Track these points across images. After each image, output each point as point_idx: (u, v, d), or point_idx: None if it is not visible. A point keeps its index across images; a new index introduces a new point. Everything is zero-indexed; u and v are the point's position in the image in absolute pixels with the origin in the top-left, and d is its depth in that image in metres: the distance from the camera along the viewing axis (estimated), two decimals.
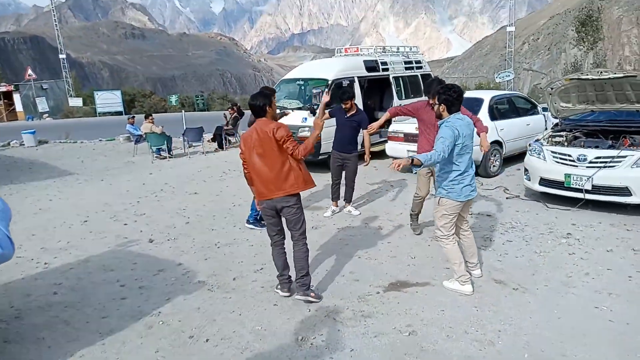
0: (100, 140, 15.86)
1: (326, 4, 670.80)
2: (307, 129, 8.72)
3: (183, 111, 15.38)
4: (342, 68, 9.42)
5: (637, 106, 5.95)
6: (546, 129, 9.20)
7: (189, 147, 13.60)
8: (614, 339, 3.23)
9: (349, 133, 6.23)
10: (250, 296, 4.15)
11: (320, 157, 8.91)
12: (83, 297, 4.21)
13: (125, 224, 6.42)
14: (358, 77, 9.50)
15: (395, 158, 8.92)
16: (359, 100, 9.44)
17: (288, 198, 3.82)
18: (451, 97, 3.78)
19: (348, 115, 6.18)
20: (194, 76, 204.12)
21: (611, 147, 5.88)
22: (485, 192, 7.29)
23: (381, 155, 9.96)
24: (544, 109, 9.55)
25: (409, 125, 8.17)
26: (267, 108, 3.82)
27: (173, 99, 21.26)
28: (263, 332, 3.53)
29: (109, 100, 30.44)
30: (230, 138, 14.22)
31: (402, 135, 8.37)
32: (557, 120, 7.12)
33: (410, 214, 5.64)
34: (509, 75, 24.22)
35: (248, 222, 6.08)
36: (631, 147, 5.65)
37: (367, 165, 6.35)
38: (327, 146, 8.88)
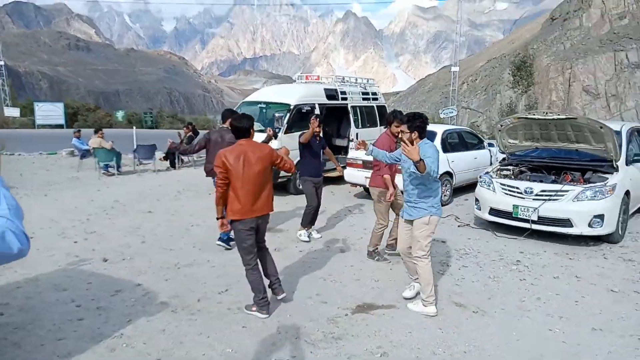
0: (40, 153, 14.98)
1: (279, 31, 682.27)
2: None
3: (134, 127, 14.89)
4: (304, 94, 9.62)
5: (576, 145, 6.55)
6: (491, 163, 9.86)
7: (139, 164, 13.17)
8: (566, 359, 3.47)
9: (320, 157, 6.40)
10: (217, 318, 4.06)
11: (279, 181, 8.96)
12: (34, 318, 3.92)
13: (75, 242, 6.08)
14: (319, 104, 9.72)
15: (352, 184, 9.19)
16: None
17: (269, 216, 4.13)
18: (423, 125, 4.02)
19: (317, 140, 6.34)
20: (140, 93, 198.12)
21: (554, 182, 6.40)
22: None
23: (337, 181, 10.16)
24: (489, 144, 10.24)
25: None
26: (252, 130, 3.97)
27: (119, 114, 20.55)
28: (234, 355, 3.46)
29: (49, 112, 28.83)
30: (183, 157, 13.94)
31: (360, 162, 8.62)
32: (503, 155, 7.65)
33: (373, 251, 5.59)
34: (452, 112, 25.68)
35: (221, 239, 5.99)
36: (572, 183, 6.18)
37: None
38: None
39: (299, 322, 4.01)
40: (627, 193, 6.19)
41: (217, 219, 4.10)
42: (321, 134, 6.43)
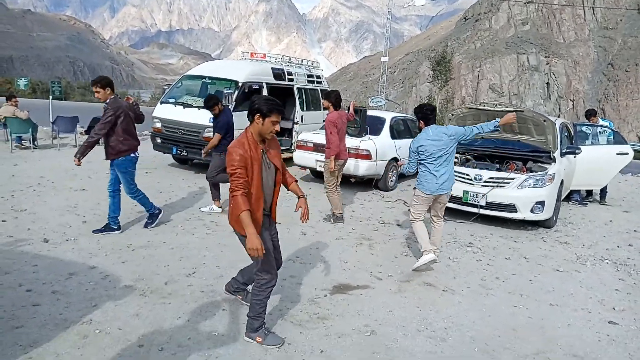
0: None
1: (198, 5, 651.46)
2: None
3: (50, 97, 13.34)
4: (252, 72, 9.27)
5: (519, 137, 7.08)
6: None
7: (54, 138, 11.92)
8: (537, 332, 3.76)
9: None
10: (193, 301, 3.81)
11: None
12: None
13: (4, 221, 5.35)
14: (266, 83, 9.44)
15: (302, 167, 9.09)
16: None
17: None
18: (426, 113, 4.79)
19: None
20: (38, 60, 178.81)
21: (498, 170, 6.86)
22: (388, 205, 7.84)
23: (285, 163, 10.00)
24: None
25: (318, 136, 8.39)
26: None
27: (22, 82, 18.17)
28: (222, 338, 3.28)
29: None
30: None
31: (311, 144, 8.55)
32: None
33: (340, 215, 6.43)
34: (380, 101, 26.48)
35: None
36: (516, 171, 6.67)
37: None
38: None
39: (280, 304, 3.91)
40: (561, 182, 6.83)
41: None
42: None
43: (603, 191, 8.86)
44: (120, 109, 5.08)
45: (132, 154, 5.27)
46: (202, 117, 8.42)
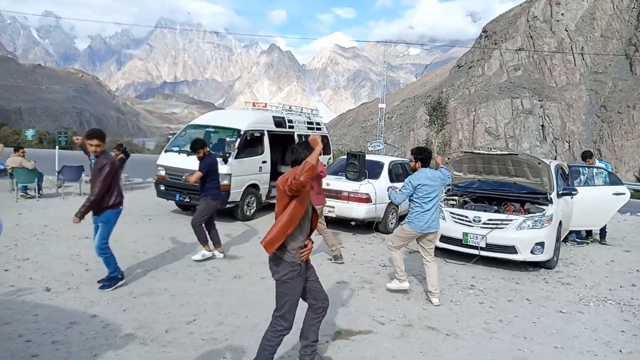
0: None
1: (202, 58, 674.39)
2: None
3: (57, 147, 13.64)
4: (254, 120, 9.56)
5: (515, 179, 7.20)
6: None
7: (59, 187, 12.07)
8: None
9: None
10: (193, 349, 3.79)
11: (227, 206, 8.72)
12: None
13: (7, 270, 5.38)
14: (268, 130, 9.71)
15: None
16: (267, 154, 9.62)
17: None
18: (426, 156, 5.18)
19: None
20: (45, 112, 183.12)
21: (496, 211, 6.93)
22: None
23: None
24: None
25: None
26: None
27: (29, 133, 18.66)
28: None
29: None
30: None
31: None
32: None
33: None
34: (379, 145, 26.91)
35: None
36: (514, 213, 6.75)
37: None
38: (236, 195, 8.79)
39: (281, 351, 3.86)
40: (560, 223, 6.88)
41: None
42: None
43: (603, 231, 8.87)
44: (115, 163, 5.01)
45: (120, 207, 5.13)
46: None
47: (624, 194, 8.15)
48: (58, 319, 4.17)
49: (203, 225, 6.36)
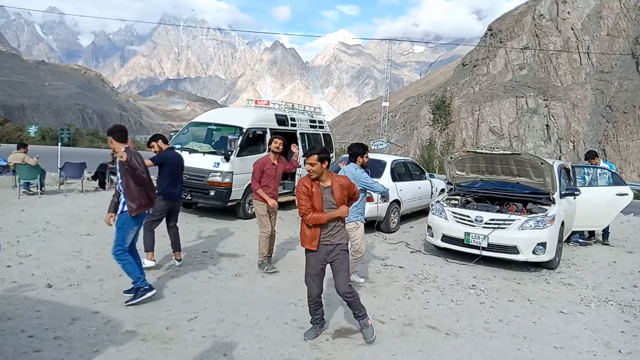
0: None
1: (205, 55, 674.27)
2: (218, 173, 8.55)
3: (59, 144, 13.69)
4: (256, 118, 9.56)
5: (517, 179, 7.18)
6: (432, 193, 10.42)
7: (61, 184, 12.12)
8: None
9: None
10: (194, 346, 3.81)
11: (229, 204, 8.74)
12: None
13: (9, 266, 5.40)
14: (270, 128, 9.71)
15: None
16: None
17: None
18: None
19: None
20: (48, 108, 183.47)
21: (499, 211, 6.92)
22: (390, 246, 7.86)
23: (285, 206, 10.14)
24: (430, 175, 10.85)
25: None
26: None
27: (32, 129, 18.71)
28: None
29: None
30: (113, 177, 13.06)
31: None
32: (443, 186, 8.14)
33: (265, 258, 6.06)
34: (382, 144, 26.87)
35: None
36: (516, 213, 6.73)
37: None
38: (237, 193, 8.80)
39: (281, 349, 3.89)
40: (562, 223, 6.86)
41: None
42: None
43: (605, 232, 8.85)
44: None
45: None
46: (207, 163, 8.64)
47: (627, 194, 8.11)
48: (60, 315, 4.19)
49: (153, 230, 5.79)
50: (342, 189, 3.97)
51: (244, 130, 8.97)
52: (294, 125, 10.72)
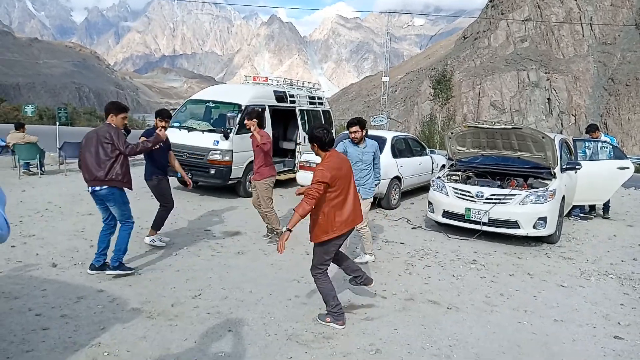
0: None
1: (201, 30, 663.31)
2: (217, 152, 8.50)
3: (57, 124, 13.59)
4: (255, 95, 9.46)
5: (518, 153, 7.16)
6: (432, 169, 10.41)
7: (61, 163, 12.08)
8: (541, 348, 3.77)
9: None
10: (199, 323, 3.86)
11: (229, 182, 8.73)
12: None
13: (13, 246, 5.43)
14: (269, 105, 9.61)
15: (305, 186, 9.18)
16: (268, 129, 9.54)
17: None
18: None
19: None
20: (44, 87, 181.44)
21: (499, 187, 6.92)
22: (392, 223, 7.89)
23: (286, 183, 10.14)
24: (431, 151, 10.82)
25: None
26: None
27: (29, 109, 18.51)
28: (228, 359, 3.31)
29: None
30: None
31: (314, 164, 8.64)
32: (444, 162, 8.12)
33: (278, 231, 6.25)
34: (382, 120, 26.70)
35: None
36: (517, 188, 6.73)
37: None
38: (237, 171, 8.78)
39: (285, 324, 3.94)
40: (563, 198, 6.87)
41: (288, 230, 3.85)
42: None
43: (606, 205, 8.88)
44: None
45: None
46: (206, 141, 8.58)
47: (628, 168, 8.10)
48: (66, 293, 4.24)
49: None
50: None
51: (243, 108, 8.88)
52: (293, 102, 10.61)
